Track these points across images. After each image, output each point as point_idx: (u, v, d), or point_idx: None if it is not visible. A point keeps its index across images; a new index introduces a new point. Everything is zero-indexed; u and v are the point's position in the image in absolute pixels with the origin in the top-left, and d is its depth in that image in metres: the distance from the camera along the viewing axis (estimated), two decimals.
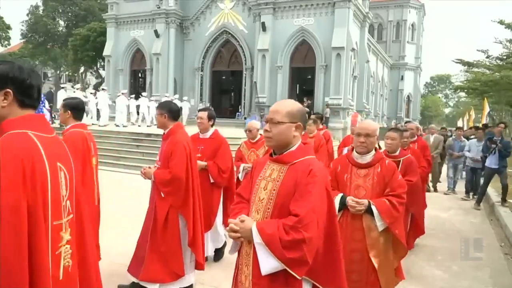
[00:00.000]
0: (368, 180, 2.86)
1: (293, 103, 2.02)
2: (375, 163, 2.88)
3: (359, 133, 2.90)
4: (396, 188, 2.84)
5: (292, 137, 1.94)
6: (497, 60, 17.89)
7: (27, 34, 40.04)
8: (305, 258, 1.73)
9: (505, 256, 5.32)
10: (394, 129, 4.38)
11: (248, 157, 5.16)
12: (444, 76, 66.21)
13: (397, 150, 4.12)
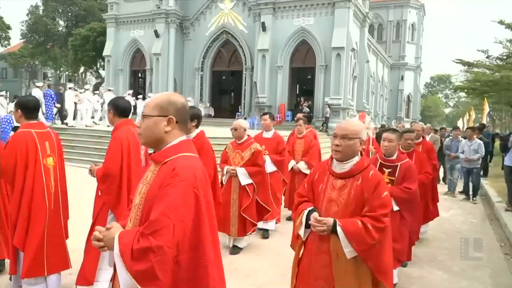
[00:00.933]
0: (343, 194, 2.28)
1: (165, 95, 1.74)
2: (355, 173, 2.30)
3: (335, 134, 2.36)
4: (376, 208, 2.21)
5: (164, 133, 1.65)
6: (497, 60, 17.88)
7: (27, 34, 40.07)
8: (153, 271, 1.42)
9: (505, 256, 5.31)
10: (392, 129, 3.98)
11: (233, 159, 4.81)
12: (444, 76, 66.19)
13: (394, 153, 3.74)
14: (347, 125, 2.37)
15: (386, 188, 2.32)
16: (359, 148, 2.33)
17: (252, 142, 4.82)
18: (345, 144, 2.30)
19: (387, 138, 3.73)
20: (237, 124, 4.82)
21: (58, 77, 49.01)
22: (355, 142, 2.30)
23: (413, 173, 3.69)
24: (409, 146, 4.62)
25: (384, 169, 3.72)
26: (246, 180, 4.70)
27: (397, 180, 3.67)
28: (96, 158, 12.54)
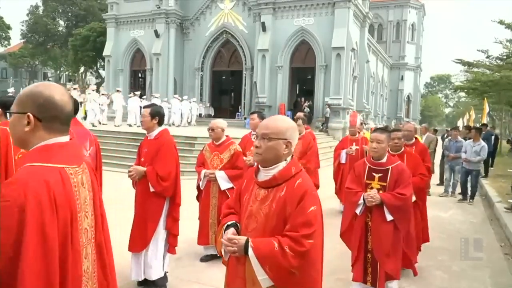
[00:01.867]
0: (264, 208, 1.86)
1: (30, 86, 1.43)
2: (279, 182, 1.85)
3: (256, 134, 1.96)
4: (298, 227, 1.75)
5: (24, 133, 1.36)
6: (497, 60, 17.88)
7: (27, 34, 40.08)
8: None
9: (505, 256, 5.32)
10: (380, 129, 3.57)
11: (211, 162, 4.49)
12: (444, 76, 66.23)
13: (384, 155, 3.39)
14: (268, 123, 1.93)
15: (313, 202, 1.80)
16: (284, 152, 1.87)
17: (231, 143, 4.52)
18: (265, 146, 1.86)
19: (376, 139, 3.35)
20: (214, 124, 4.49)
21: (58, 77, 49.01)
22: (277, 143, 1.85)
23: (406, 177, 3.35)
24: (396, 146, 4.18)
25: (373, 174, 3.40)
26: (226, 184, 4.38)
27: (389, 185, 3.34)
28: None
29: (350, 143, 7.14)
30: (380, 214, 3.29)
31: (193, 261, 4.52)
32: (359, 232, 3.41)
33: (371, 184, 3.40)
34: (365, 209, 3.35)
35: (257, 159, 1.91)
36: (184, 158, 10.59)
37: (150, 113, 3.65)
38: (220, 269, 4.32)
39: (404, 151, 4.26)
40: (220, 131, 4.49)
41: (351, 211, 3.45)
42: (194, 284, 4.02)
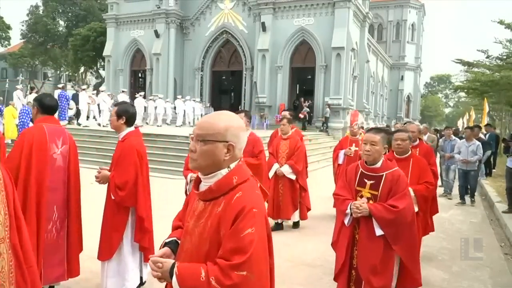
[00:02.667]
0: (199, 225, 1.55)
1: None
2: (216, 194, 1.53)
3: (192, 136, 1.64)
4: (228, 253, 1.42)
5: None
6: (497, 60, 17.87)
7: (27, 34, 40.04)
8: None
9: (505, 256, 5.31)
10: (375, 129, 3.06)
11: None
12: (444, 76, 66.21)
13: (378, 160, 2.91)
14: (203, 123, 1.58)
15: (251, 223, 1.43)
16: (225, 157, 1.53)
17: None
18: (200, 150, 1.53)
19: (369, 141, 2.89)
20: None
21: (58, 77, 48.98)
22: (214, 147, 1.52)
23: (402, 186, 2.85)
24: (400, 148, 3.78)
25: (365, 181, 2.94)
26: None
27: (381, 194, 2.86)
28: (97, 158, 12.55)
29: (350, 143, 6.78)
30: (368, 228, 2.83)
31: None
32: (345, 246, 2.94)
33: (362, 191, 2.96)
34: (353, 220, 2.92)
35: (192, 165, 1.58)
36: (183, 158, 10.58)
37: (116, 112, 3.33)
38: None
39: (411, 155, 3.86)
40: None
41: (340, 220, 3.05)
42: None
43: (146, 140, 14.26)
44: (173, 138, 12.77)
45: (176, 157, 11.17)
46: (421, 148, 4.78)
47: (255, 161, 4.88)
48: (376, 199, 2.88)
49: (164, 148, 12.15)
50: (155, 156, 11.59)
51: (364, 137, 3.04)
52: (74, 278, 3.82)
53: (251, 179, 1.59)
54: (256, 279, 1.42)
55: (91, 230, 3.70)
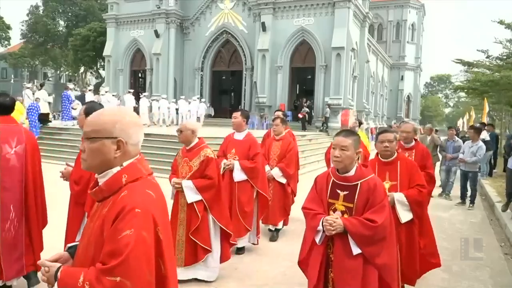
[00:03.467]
0: (90, 227, 1.52)
1: None
2: (106, 194, 1.46)
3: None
4: (105, 257, 1.32)
5: None
6: (497, 60, 17.88)
7: (27, 34, 40.08)
8: None
9: (505, 256, 5.31)
10: (346, 132, 2.63)
11: (181, 170, 3.93)
12: (444, 76, 66.26)
13: (350, 166, 2.52)
14: (89, 119, 1.49)
15: (131, 223, 1.32)
16: (115, 155, 1.43)
17: (202, 148, 3.91)
18: (87, 149, 1.45)
19: (339, 145, 2.48)
20: (183, 125, 3.92)
21: (58, 77, 49.00)
22: (101, 144, 1.43)
23: (379, 196, 2.47)
24: (387, 151, 3.37)
25: (338, 191, 2.54)
26: (193, 196, 3.80)
27: (357, 207, 2.48)
28: None
29: None
30: (343, 246, 2.44)
31: None
32: (318, 266, 2.54)
33: (335, 204, 2.55)
34: (326, 237, 2.52)
35: (83, 166, 1.49)
36: None
37: (85, 111, 3.27)
38: (221, 269, 4.32)
39: (398, 158, 3.45)
40: (189, 133, 3.86)
41: (310, 238, 2.63)
42: (194, 283, 4.01)
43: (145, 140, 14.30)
44: (172, 138, 12.75)
45: None
46: (417, 150, 4.38)
47: (250, 164, 4.67)
48: (351, 213, 2.50)
49: (162, 148, 12.14)
50: (154, 156, 11.57)
51: (333, 142, 2.58)
52: None
53: (145, 178, 1.47)
54: (132, 287, 1.28)
55: None
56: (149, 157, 11.39)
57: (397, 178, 3.38)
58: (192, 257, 3.86)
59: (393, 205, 3.23)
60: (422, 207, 3.48)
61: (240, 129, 4.86)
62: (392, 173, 3.40)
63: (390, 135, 3.38)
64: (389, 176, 3.41)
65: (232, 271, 4.28)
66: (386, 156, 3.41)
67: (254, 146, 4.77)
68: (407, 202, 3.31)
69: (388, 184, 3.37)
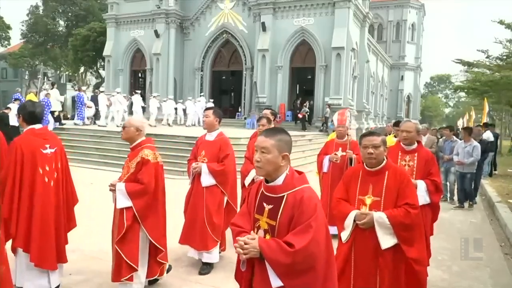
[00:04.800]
0: None
1: None
2: None
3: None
4: None
5: None
6: (497, 60, 17.88)
7: (27, 34, 40.04)
8: None
9: (505, 256, 5.31)
10: (269, 131, 2.07)
11: (123, 171, 3.66)
12: (444, 76, 66.24)
13: (276, 174, 2.00)
14: None
15: None
16: None
17: (142, 148, 3.50)
18: None
19: (259, 147, 1.99)
20: (127, 121, 3.63)
21: (58, 77, 48.98)
22: None
23: (305, 214, 1.88)
24: (372, 159, 2.80)
25: (264, 205, 2.03)
26: (123, 201, 3.38)
27: (279, 225, 1.95)
28: (96, 158, 12.55)
29: (335, 147, 5.68)
30: (262, 276, 1.94)
31: (192, 261, 4.51)
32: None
33: (259, 221, 2.04)
34: (248, 262, 2.04)
35: None
36: (184, 158, 10.60)
37: (17, 111, 3.52)
38: (221, 269, 4.32)
39: (386, 167, 2.83)
40: (132, 130, 3.51)
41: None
42: (194, 284, 4.01)
43: None
44: (173, 138, 12.77)
45: (176, 157, 11.17)
46: (420, 154, 3.75)
47: (218, 166, 4.24)
48: (273, 233, 1.97)
49: (163, 148, 12.14)
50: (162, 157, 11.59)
51: (255, 145, 2.06)
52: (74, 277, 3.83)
53: None
54: None
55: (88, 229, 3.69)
56: None
57: (382, 192, 2.77)
58: (117, 273, 3.38)
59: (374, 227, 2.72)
60: (410, 231, 2.73)
61: (212, 129, 4.40)
62: (376, 186, 2.81)
63: (377, 139, 2.80)
64: (372, 190, 2.82)
65: (232, 271, 4.28)
66: (371, 164, 2.85)
67: (224, 147, 4.34)
68: (389, 224, 2.66)
69: (370, 199, 2.81)
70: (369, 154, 2.82)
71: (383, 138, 2.87)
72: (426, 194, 3.60)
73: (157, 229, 3.49)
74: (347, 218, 2.81)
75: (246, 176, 4.91)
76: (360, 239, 2.78)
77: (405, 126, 3.84)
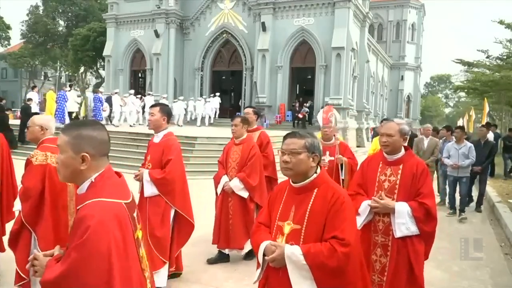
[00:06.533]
0: None
1: None
2: None
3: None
4: None
5: None
6: (497, 60, 17.89)
7: (27, 34, 40.04)
8: None
9: (505, 256, 5.32)
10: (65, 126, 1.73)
11: None
12: (444, 76, 66.25)
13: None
14: None
15: None
16: None
17: (37, 148, 3.20)
18: None
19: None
20: (31, 120, 3.30)
21: (58, 77, 49.00)
22: None
23: (77, 235, 1.46)
24: (286, 169, 2.00)
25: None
26: (17, 205, 3.16)
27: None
28: None
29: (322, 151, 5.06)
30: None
31: (192, 261, 4.51)
32: None
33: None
34: None
35: None
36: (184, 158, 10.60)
37: None
38: (221, 270, 4.33)
39: (314, 183, 2.01)
40: (37, 129, 3.17)
41: None
42: (194, 284, 4.01)
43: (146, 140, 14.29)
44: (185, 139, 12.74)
45: None
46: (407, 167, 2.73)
47: (158, 174, 3.63)
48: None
49: None
50: None
51: None
52: None
53: None
54: None
55: None
56: None
57: (304, 218, 1.95)
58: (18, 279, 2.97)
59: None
60: (339, 277, 1.88)
61: (158, 129, 3.78)
62: (299, 208, 1.98)
63: (296, 143, 1.97)
64: (294, 214, 1.99)
65: (232, 271, 4.29)
66: (293, 178, 2.06)
67: (167, 150, 3.68)
68: (306, 264, 1.87)
69: (288, 227, 1.98)
70: (284, 163, 1.98)
71: (308, 142, 1.97)
72: (410, 222, 2.62)
73: (46, 237, 2.92)
74: (259, 252, 2.03)
75: (218, 183, 4.55)
76: (274, 283, 1.99)
77: (386, 127, 2.83)
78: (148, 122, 3.96)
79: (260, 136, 4.95)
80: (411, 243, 2.71)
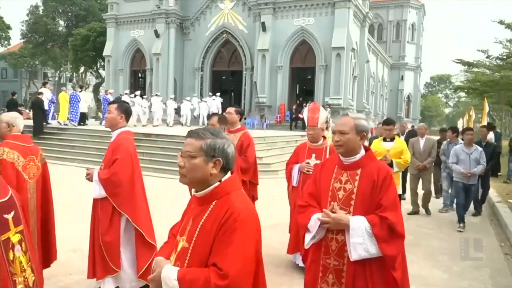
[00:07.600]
0: None
1: None
2: None
3: None
4: None
5: None
6: (497, 60, 17.88)
7: (27, 34, 40.05)
8: None
9: (505, 256, 5.31)
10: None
11: None
12: (444, 76, 66.27)
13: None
14: None
15: None
16: None
17: None
18: None
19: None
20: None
21: (58, 77, 49.00)
22: None
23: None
24: (181, 176, 1.68)
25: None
26: None
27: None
28: (97, 158, 12.54)
29: (307, 154, 4.32)
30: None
31: None
32: None
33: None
34: None
35: None
36: None
37: None
38: None
39: (214, 193, 1.63)
40: (4, 126, 3.20)
41: None
42: None
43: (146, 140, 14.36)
44: (173, 138, 12.77)
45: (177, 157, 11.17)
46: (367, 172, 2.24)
47: (105, 174, 3.34)
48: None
49: (163, 148, 12.15)
50: (155, 156, 11.60)
51: None
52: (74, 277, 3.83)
53: None
54: None
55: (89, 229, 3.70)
56: (152, 158, 11.40)
57: (193, 237, 1.61)
58: None
59: None
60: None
61: (114, 127, 3.52)
62: (193, 224, 1.64)
63: (193, 144, 1.64)
64: (189, 229, 1.66)
65: None
66: (187, 185, 1.84)
67: (116, 149, 3.38)
68: None
69: (181, 243, 1.66)
70: (179, 167, 1.66)
71: (207, 144, 1.60)
72: (369, 242, 2.10)
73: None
74: None
75: None
76: None
77: (338, 123, 2.33)
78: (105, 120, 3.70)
79: (241, 138, 4.44)
80: (370, 269, 2.14)
